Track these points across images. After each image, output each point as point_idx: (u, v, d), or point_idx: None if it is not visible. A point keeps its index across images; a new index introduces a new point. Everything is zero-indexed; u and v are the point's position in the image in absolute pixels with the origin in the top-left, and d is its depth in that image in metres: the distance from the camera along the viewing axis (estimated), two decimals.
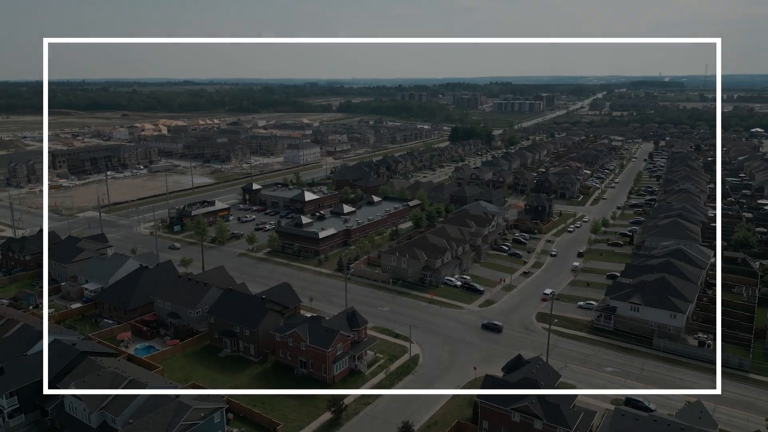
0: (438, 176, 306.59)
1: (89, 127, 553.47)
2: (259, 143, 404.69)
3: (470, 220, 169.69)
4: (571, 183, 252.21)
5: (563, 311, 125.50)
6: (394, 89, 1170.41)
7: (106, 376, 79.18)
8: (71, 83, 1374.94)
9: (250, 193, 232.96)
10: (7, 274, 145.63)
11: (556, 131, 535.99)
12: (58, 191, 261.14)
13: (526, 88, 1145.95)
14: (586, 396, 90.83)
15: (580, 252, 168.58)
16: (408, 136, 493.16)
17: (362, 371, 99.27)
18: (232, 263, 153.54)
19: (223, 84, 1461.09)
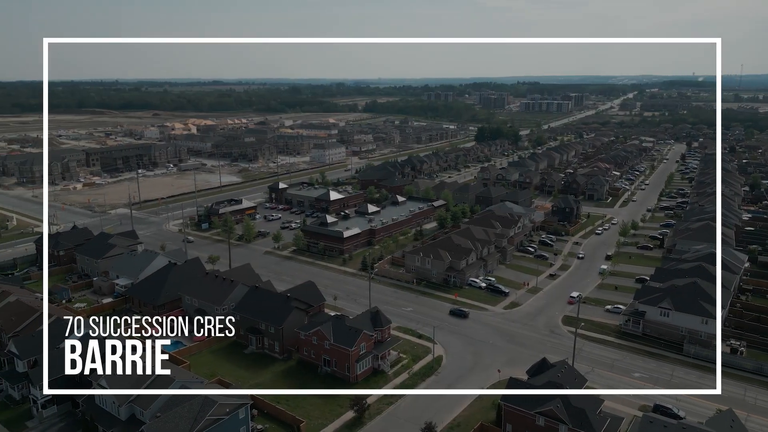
0: (463, 176, 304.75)
1: (122, 126, 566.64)
2: (285, 143, 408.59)
3: (496, 221, 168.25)
4: (599, 184, 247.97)
5: (590, 315, 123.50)
6: (420, 89, 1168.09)
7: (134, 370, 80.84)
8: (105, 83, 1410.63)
9: (276, 192, 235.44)
10: (41, 269, 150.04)
11: (585, 132, 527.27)
12: (91, 188, 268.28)
13: (554, 88, 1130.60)
14: (612, 402, 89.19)
15: (608, 255, 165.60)
16: (433, 136, 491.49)
17: (385, 371, 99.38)
18: (258, 261, 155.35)
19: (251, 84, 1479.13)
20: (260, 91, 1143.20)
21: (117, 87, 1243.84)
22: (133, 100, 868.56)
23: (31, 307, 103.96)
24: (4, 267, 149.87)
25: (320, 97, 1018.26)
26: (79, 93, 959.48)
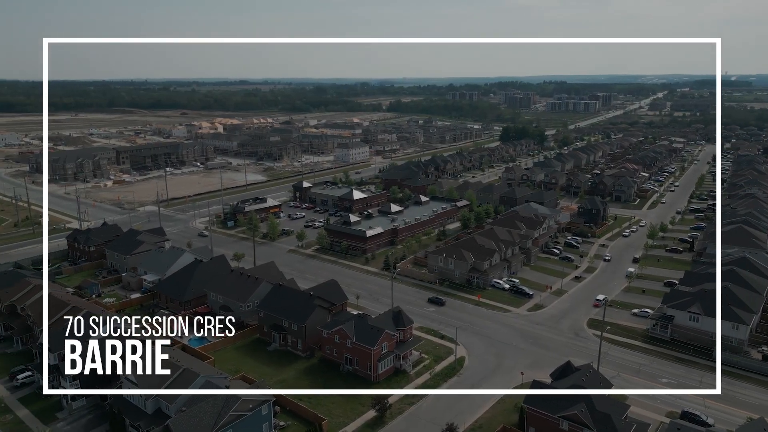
0: (487, 177, 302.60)
1: (151, 125, 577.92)
2: (310, 142, 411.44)
3: (520, 222, 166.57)
4: (627, 185, 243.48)
5: (616, 318, 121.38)
6: (445, 88, 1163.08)
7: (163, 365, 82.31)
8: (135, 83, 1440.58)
9: (300, 191, 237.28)
10: (72, 264, 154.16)
11: (613, 132, 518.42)
12: (121, 186, 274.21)
13: (581, 88, 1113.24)
14: (638, 407, 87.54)
15: (635, 257, 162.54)
16: (458, 136, 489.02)
17: (407, 371, 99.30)
18: (282, 259, 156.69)
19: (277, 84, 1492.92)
20: (286, 91, 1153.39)
21: (146, 86, 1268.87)
22: (162, 100, 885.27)
23: (62, 301, 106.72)
24: (37, 262, 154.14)
25: (345, 97, 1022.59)
26: (110, 92, 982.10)
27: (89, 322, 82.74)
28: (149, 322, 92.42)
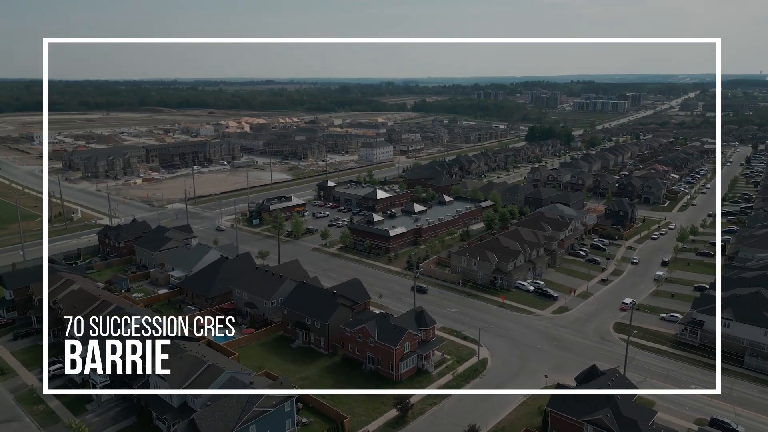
0: (512, 177, 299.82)
1: (179, 124, 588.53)
2: (334, 141, 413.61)
3: (546, 223, 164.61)
4: (656, 187, 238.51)
5: (644, 322, 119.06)
6: (470, 88, 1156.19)
7: (188, 359, 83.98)
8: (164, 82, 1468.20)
9: (324, 190, 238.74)
10: (103, 259, 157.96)
11: (642, 132, 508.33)
12: (150, 184, 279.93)
13: (609, 87, 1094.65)
14: (666, 414, 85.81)
15: (664, 261, 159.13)
16: (482, 136, 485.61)
17: (429, 371, 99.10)
18: (306, 257, 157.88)
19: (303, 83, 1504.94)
20: (311, 91, 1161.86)
21: (175, 86, 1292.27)
22: (191, 99, 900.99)
23: (93, 296, 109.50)
24: (69, 257, 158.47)
25: (369, 97, 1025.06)
26: (140, 92, 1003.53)
27: (89, 322, 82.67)
28: (149, 322, 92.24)
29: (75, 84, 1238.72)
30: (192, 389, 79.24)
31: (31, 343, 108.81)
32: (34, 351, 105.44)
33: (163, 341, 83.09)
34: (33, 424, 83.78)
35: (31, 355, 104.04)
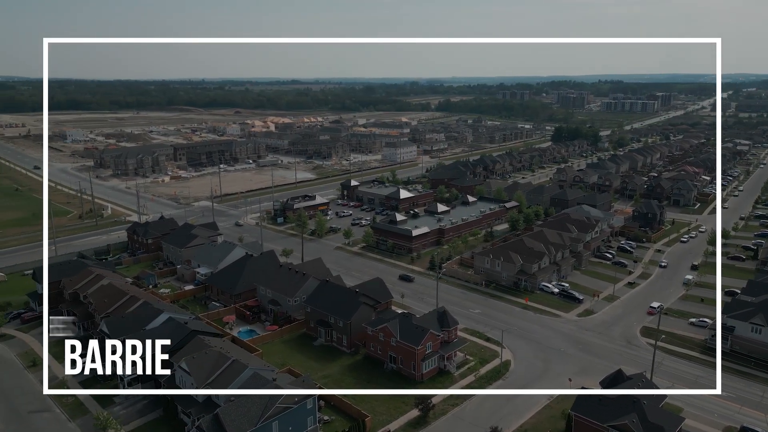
0: (538, 178, 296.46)
1: (206, 123, 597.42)
2: (358, 141, 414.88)
3: (571, 225, 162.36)
4: (686, 189, 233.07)
5: (672, 327, 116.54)
6: (495, 87, 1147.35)
7: (212, 355, 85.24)
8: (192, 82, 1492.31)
9: (348, 189, 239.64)
10: (132, 255, 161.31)
11: (672, 133, 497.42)
12: (177, 181, 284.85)
13: (638, 87, 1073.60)
14: (693, 421, 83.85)
15: (694, 264, 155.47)
16: (507, 136, 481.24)
17: (451, 372, 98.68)
18: (329, 256, 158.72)
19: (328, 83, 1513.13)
20: (336, 90, 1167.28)
21: (203, 86, 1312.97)
22: (218, 99, 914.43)
23: (121, 291, 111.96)
24: (99, 252, 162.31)
25: (394, 96, 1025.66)
26: (169, 92, 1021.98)
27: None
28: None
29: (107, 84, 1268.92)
30: (214, 387, 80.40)
31: (62, 335, 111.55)
32: (65, 344, 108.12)
33: (163, 341, 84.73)
34: (63, 415, 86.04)
35: (61, 347, 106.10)
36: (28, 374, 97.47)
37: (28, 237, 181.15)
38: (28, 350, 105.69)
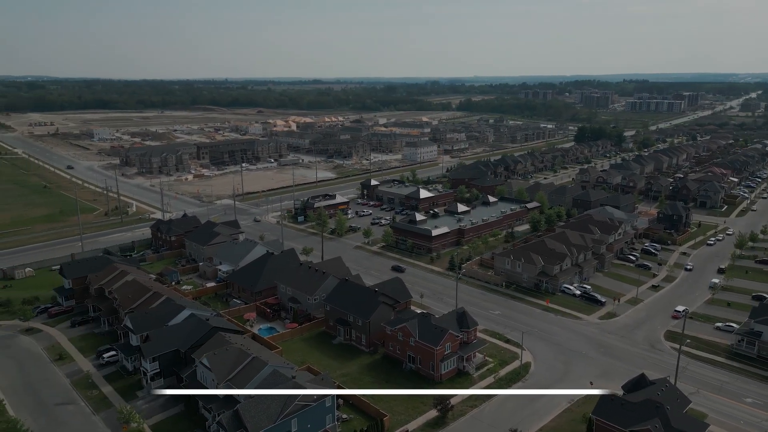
0: (560, 178, 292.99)
1: (229, 122, 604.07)
2: (378, 140, 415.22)
3: (594, 226, 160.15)
4: (713, 191, 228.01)
5: (697, 331, 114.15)
6: (517, 87, 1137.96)
7: (233, 351, 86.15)
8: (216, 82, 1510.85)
9: (368, 189, 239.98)
10: (155, 252, 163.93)
11: (699, 133, 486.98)
12: (200, 180, 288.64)
13: (664, 86, 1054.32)
14: (719, 428, 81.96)
15: (721, 268, 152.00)
16: (529, 136, 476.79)
17: (470, 373, 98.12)
18: (349, 255, 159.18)
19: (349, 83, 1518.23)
20: (357, 90, 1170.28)
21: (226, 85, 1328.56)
22: (240, 98, 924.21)
23: (145, 287, 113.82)
24: (124, 249, 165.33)
25: (414, 96, 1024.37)
26: (193, 91, 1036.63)
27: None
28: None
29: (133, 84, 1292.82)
30: (235, 384, 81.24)
31: (87, 330, 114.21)
32: (90, 338, 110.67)
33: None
34: (87, 408, 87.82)
35: (87, 341, 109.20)
36: (55, 367, 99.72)
37: (56, 233, 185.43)
38: (55, 344, 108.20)
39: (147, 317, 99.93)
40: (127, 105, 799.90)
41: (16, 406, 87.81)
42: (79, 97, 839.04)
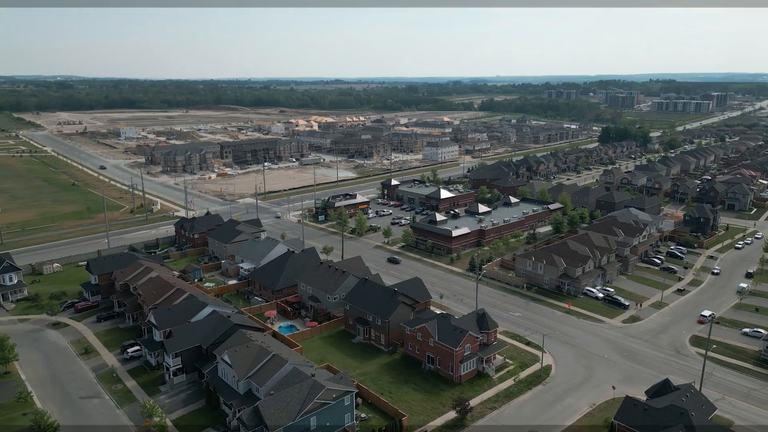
0: (584, 179, 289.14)
1: (252, 121, 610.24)
2: (399, 140, 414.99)
3: (618, 228, 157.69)
4: (742, 193, 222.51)
5: (724, 337, 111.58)
6: (541, 87, 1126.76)
7: (254, 349, 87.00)
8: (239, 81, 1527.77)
9: (388, 189, 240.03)
10: (179, 249, 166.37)
11: (728, 135, 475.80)
12: (223, 179, 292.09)
13: (692, 86, 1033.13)
14: None
15: (749, 272, 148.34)
16: (552, 136, 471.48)
17: (490, 375, 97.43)
18: (368, 254, 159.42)
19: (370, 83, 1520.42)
20: (378, 90, 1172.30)
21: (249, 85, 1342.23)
22: (263, 98, 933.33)
23: (169, 283, 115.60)
24: (149, 246, 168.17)
25: (436, 96, 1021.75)
26: (216, 91, 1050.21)
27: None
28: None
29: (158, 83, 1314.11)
30: (255, 381, 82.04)
31: (113, 325, 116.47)
32: (115, 333, 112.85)
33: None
34: (111, 402, 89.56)
35: (112, 336, 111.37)
36: (81, 361, 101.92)
37: (83, 230, 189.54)
38: (81, 338, 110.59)
39: (170, 313, 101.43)
40: (152, 104, 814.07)
41: (43, 399, 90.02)
42: (106, 96, 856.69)
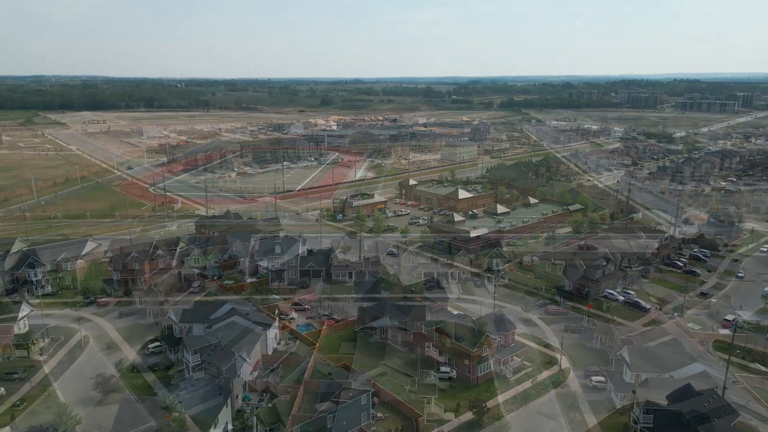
0: (605, 180, 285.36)
1: (271, 121, 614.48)
2: (418, 140, 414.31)
3: (639, 230, 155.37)
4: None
5: (748, 342, 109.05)
6: (561, 86, 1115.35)
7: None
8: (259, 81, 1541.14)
9: (406, 188, 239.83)
10: (199, 247, 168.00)
11: (753, 135, 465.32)
12: (243, 178, 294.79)
13: (717, 87, 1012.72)
14: None
15: None
16: (573, 137, 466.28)
17: (507, 376, 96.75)
18: None
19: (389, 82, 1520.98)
20: (397, 90, 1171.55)
21: (270, 85, 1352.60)
22: (283, 98, 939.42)
23: (188, 280, 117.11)
24: (170, 243, 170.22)
25: (455, 95, 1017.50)
26: (237, 91, 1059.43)
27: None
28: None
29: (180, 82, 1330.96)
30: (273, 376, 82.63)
31: (134, 321, 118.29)
32: (136, 328, 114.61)
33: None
34: (132, 396, 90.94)
35: (132, 332, 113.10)
36: (102, 356, 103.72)
37: (106, 227, 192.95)
38: (103, 333, 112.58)
39: (189, 310, 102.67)
40: (174, 104, 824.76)
41: (65, 393, 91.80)
42: (129, 96, 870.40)
